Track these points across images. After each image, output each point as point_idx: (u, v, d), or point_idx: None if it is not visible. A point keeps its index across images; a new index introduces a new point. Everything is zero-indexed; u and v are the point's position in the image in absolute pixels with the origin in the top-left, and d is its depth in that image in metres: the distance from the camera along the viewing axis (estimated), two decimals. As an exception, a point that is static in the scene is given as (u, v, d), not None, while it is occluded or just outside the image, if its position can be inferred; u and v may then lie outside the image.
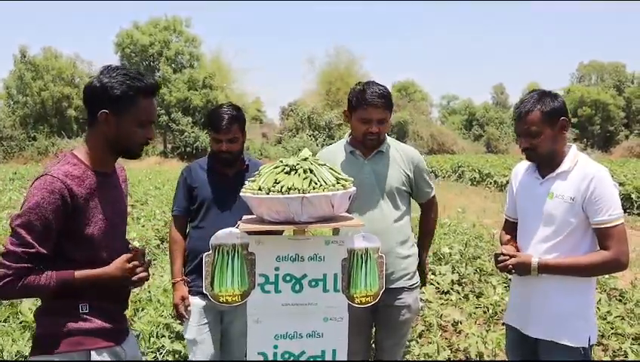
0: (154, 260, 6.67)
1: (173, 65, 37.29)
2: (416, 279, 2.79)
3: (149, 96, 1.91)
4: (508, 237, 2.54)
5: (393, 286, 2.65)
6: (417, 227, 3.01)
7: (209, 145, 2.93)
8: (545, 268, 2.22)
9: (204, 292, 2.11)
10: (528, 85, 52.02)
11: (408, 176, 2.73)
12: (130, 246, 2.09)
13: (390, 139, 2.81)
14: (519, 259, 2.27)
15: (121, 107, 1.85)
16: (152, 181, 17.35)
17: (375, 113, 2.57)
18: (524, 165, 2.50)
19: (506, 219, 2.62)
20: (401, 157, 2.74)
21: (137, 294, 4.64)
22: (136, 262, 1.93)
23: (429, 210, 2.95)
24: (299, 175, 1.98)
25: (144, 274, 1.95)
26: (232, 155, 2.75)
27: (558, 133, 2.24)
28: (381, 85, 2.63)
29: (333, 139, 35.34)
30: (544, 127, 2.21)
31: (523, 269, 2.26)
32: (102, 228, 1.89)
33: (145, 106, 1.90)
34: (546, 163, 2.31)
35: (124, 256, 1.91)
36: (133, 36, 36.70)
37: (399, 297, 2.69)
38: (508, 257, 2.29)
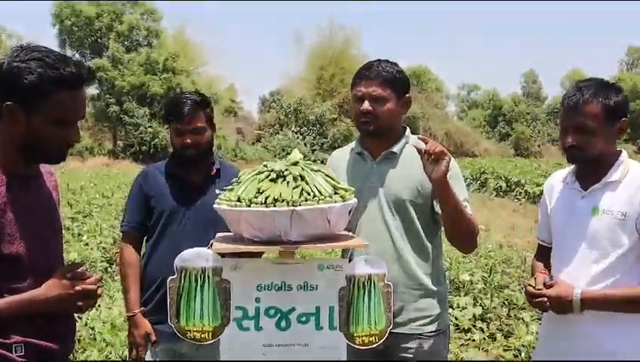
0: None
1: (126, 42, 37.27)
2: (440, 325, 2.58)
3: (71, 89, 1.81)
4: (541, 265, 2.55)
5: (399, 330, 2.45)
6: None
7: (170, 145, 2.93)
8: (590, 303, 2.22)
9: (169, 324, 2.09)
10: (569, 73, 52.50)
11: (428, 186, 2.48)
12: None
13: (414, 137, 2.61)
14: (556, 292, 2.26)
15: (30, 100, 1.77)
16: (97, 187, 17.26)
17: (366, 86, 2.49)
18: (559, 176, 2.53)
19: (539, 245, 2.65)
20: (419, 160, 2.40)
21: (78, 331, 4.58)
22: (75, 274, 1.84)
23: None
24: (287, 183, 1.98)
25: (91, 287, 1.85)
26: (197, 151, 2.75)
27: (615, 135, 2.28)
28: (387, 62, 2.56)
29: (325, 137, 35.39)
30: (602, 125, 2.22)
31: (562, 305, 2.25)
32: (26, 244, 1.84)
33: (63, 102, 1.80)
34: (591, 169, 2.32)
35: (59, 270, 1.85)
36: (75, 6, 36.60)
37: (405, 346, 2.50)
38: (544, 295, 2.28)
